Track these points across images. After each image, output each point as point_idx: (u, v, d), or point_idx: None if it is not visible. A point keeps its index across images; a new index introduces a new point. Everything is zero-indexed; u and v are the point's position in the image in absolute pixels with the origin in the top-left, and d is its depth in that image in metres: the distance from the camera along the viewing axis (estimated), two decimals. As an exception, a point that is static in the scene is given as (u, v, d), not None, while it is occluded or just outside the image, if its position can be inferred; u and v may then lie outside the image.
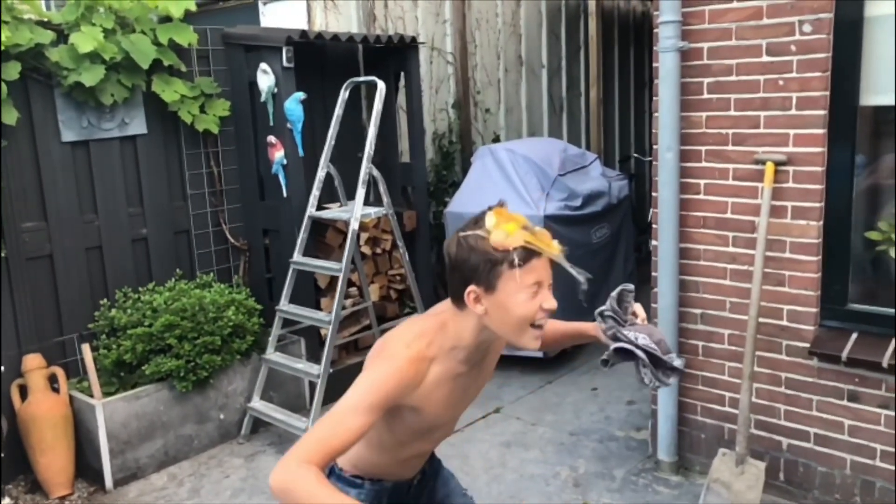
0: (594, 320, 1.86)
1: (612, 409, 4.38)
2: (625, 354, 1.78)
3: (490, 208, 1.63)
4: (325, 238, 4.71)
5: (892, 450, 3.03)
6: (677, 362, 1.76)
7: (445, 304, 1.73)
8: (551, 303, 1.60)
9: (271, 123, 4.35)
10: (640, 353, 1.75)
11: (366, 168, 4.08)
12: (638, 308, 1.81)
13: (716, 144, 3.31)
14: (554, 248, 1.61)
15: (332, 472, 1.87)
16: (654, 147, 3.44)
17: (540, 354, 4.79)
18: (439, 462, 2.08)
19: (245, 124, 4.50)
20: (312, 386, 4.26)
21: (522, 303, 1.57)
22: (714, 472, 3.24)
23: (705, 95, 3.30)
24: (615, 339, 1.78)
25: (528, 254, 1.56)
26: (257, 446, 4.13)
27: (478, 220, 1.62)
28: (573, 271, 1.62)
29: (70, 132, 3.87)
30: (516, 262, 1.55)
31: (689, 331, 3.52)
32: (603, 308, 1.82)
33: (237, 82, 4.46)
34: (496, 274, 1.56)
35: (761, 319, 3.22)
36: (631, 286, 1.81)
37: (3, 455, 3.57)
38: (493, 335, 1.66)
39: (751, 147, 3.21)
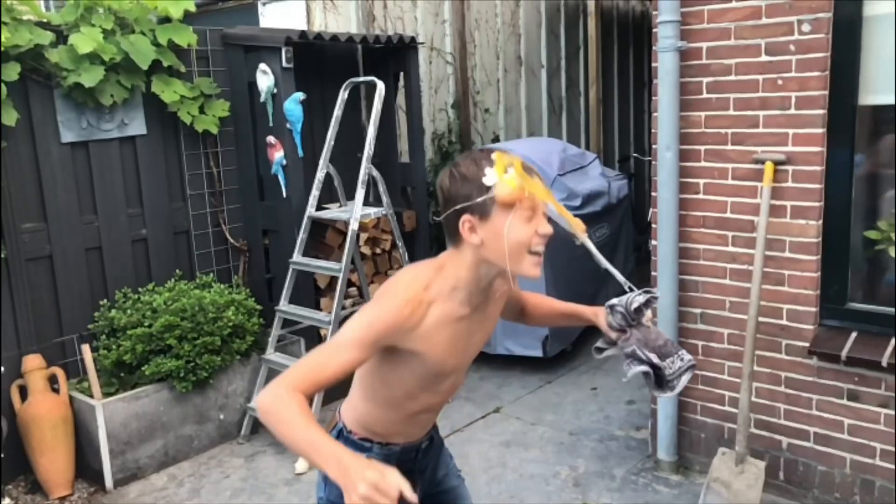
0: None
1: (611, 408, 4.38)
2: (633, 360, 1.77)
3: (482, 149, 1.66)
4: (324, 238, 4.71)
5: (892, 449, 3.03)
6: (686, 358, 1.76)
7: (442, 254, 1.74)
8: (546, 228, 1.61)
9: (271, 124, 4.36)
10: (645, 367, 1.76)
11: (365, 168, 4.08)
12: (647, 313, 1.83)
13: (715, 144, 3.31)
14: (547, 197, 1.63)
15: (340, 434, 1.85)
16: (654, 147, 3.44)
17: (540, 354, 4.79)
18: (441, 439, 2.08)
19: (244, 125, 4.50)
20: (312, 386, 4.26)
21: (518, 228, 1.58)
22: (714, 472, 3.24)
23: (704, 95, 3.31)
24: (626, 350, 1.79)
25: (520, 186, 1.58)
26: (257, 446, 4.13)
27: (469, 153, 1.66)
28: (562, 223, 1.65)
29: (70, 133, 3.87)
30: (509, 189, 1.57)
31: (688, 330, 3.52)
32: (615, 302, 1.81)
33: (236, 83, 4.46)
34: (490, 200, 1.58)
35: (761, 319, 3.22)
36: (658, 294, 1.79)
37: (3, 455, 3.57)
38: (492, 271, 1.66)
39: (750, 146, 3.22)
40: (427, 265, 1.70)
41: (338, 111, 4.30)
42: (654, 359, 1.75)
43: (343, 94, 4.32)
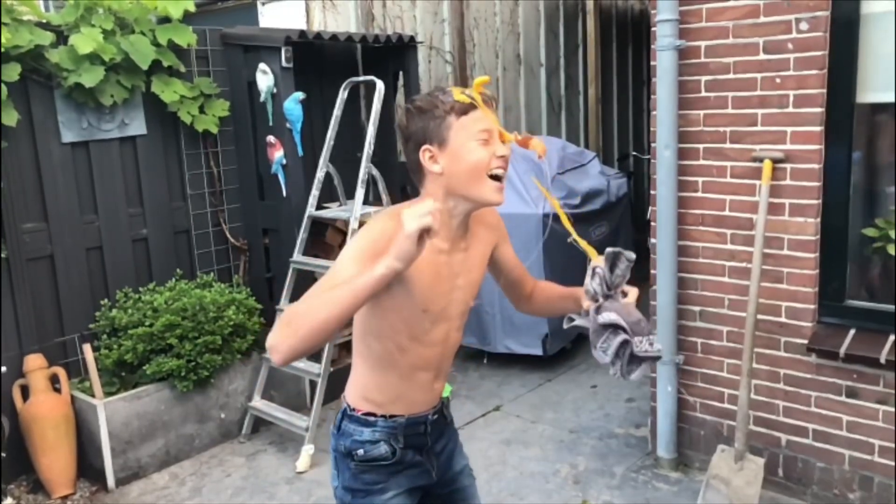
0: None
1: (611, 406, 4.39)
2: (608, 333, 1.69)
3: (437, 91, 1.71)
4: (324, 237, 4.72)
5: (891, 445, 3.05)
6: (656, 346, 1.68)
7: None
8: (503, 150, 1.67)
9: (270, 123, 4.36)
10: (624, 336, 1.65)
11: (365, 167, 4.09)
12: (631, 291, 1.76)
13: (714, 142, 3.32)
14: (492, 116, 1.68)
15: (344, 415, 1.85)
16: (653, 145, 3.45)
17: (540, 352, 4.81)
18: (456, 429, 2.04)
19: (244, 124, 4.51)
20: (313, 385, 4.27)
21: (475, 149, 1.64)
22: (713, 469, 3.25)
23: (703, 93, 3.31)
24: (596, 307, 1.71)
25: (471, 105, 1.65)
26: (258, 445, 4.15)
27: (427, 92, 1.74)
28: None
29: (70, 133, 3.88)
30: (464, 108, 1.63)
31: (688, 328, 3.53)
32: (597, 265, 1.77)
33: (236, 82, 4.47)
34: (446, 126, 1.64)
35: (760, 316, 3.23)
36: (631, 255, 1.76)
37: (4, 455, 3.58)
38: (461, 205, 1.70)
39: (748, 145, 3.22)
40: (398, 205, 1.75)
41: (337, 110, 4.31)
42: (628, 330, 1.66)
43: (342, 94, 4.33)
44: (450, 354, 1.88)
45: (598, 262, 1.72)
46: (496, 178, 1.68)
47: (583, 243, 1.75)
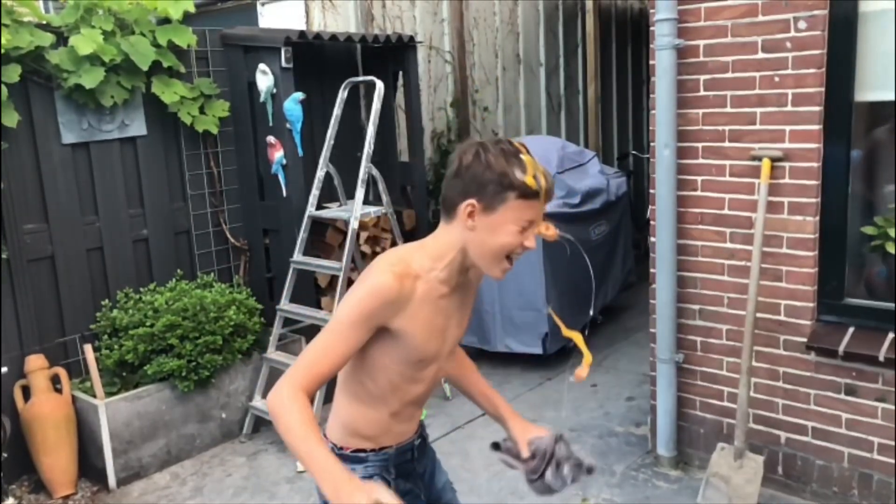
0: (587, 315, 1.92)
1: (611, 405, 4.40)
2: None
3: (511, 142, 1.67)
4: (324, 237, 4.73)
5: (890, 443, 3.05)
6: (587, 461, 1.85)
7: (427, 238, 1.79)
8: (532, 242, 1.67)
9: (270, 124, 4.37)
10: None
11: (365, 167, 4.10)
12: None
13: (712, 141, 3.33)
14: (543, 209, 1.69)
15: (333, 452, 1.82)
16: (652, 144, 3.45)
17: (540, 351, 4.81)
18: (433, 448, 2.07)
19: (244, 125, 4.52)
20: (313, 384, 4.28)
21: (511, 233, 1.63)
22: (713, 467, 3.26)
23: (702, 92, 3.32)
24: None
25: (535, 193, 1.62)
26: (259, 445, 4.15)
27: (500, 143, 1.66)
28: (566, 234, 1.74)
29: (70, 134, 3.89)
30: (526, 193, 1.60)
31: (687, 326, 3.54)
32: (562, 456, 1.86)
33: (236, 83, 4.48)
34: (502, 198, 1.60)
35: (759, 315, 3.24)
36: (592, 466, 1.88)
37: (6, 455, 3.59)
38: (468, 261, 1.70)
39: (747, 143, 3.23)
40: (408, 245, 1.75)
41: (337, 110, 4.31)
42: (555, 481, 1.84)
43: (342, 94, 4.33)
44: (437, 383, 1.91)
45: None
46: (510, 260, 1.69)
47: (578, 341, 1.82)
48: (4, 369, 3.64)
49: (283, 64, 4.24)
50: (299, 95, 4.25)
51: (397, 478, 1.83)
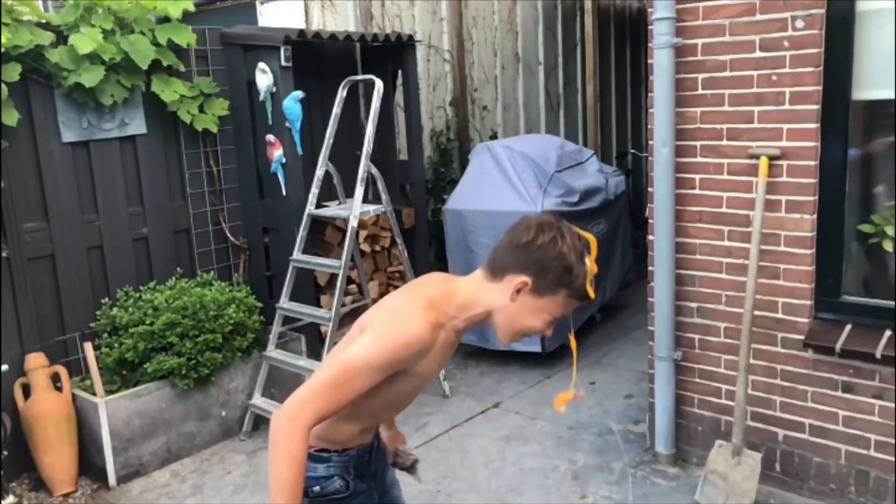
0: (592, 311, 1.97)
1: (610, 402, 4.41)
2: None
3: (581, 235, 1.68)
4: (324, 236, 4.74)
5: (887, 440, 3.07)
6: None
7: (439, 276, 1.80)
8: (550, 332, 1.73)
9: (270, 122, 4.38)
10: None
11: (364, 166, 4.11)
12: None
13: (710, 140, 3.34)
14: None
15: None
16: (650, 143, 3.47)
17: (539, 349, 4.83)
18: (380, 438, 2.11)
19: (244, 123, 4.53)
20: (313, 382, 4.29)
21: (543, 320, 1.68)
22: (711, 464, 3.27)
23: (700, 91, 3.33)
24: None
25: (583, 299, 1.69)
26: (259, 443, 4.16)
27: (576, 235, 1.67)
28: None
29: (70, 133, 3.90)
30: (579, 298, 1.67)
31: (685, 324, 3.55)
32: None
33: (236, 82, 4.49)
34: (553, 293, 1.65)
35: (757, 312, 3.25)
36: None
37: (6, 453, 3.60)
38: (489, 319, 1.72)
39: (745, 142, 3.24)
40: (436, 289, 1.73)
41: (336, 109, 4.32)
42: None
43: (341, 93, 4.34)
44: None
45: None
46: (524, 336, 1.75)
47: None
48: (5, 367, 3.64)
49: (283, 63, 4.25)
50: (298, 94, 4.26)
51: (355, 478, 1.86)
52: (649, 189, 3.51)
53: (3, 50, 3.47)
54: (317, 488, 1.81)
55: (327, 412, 1.59)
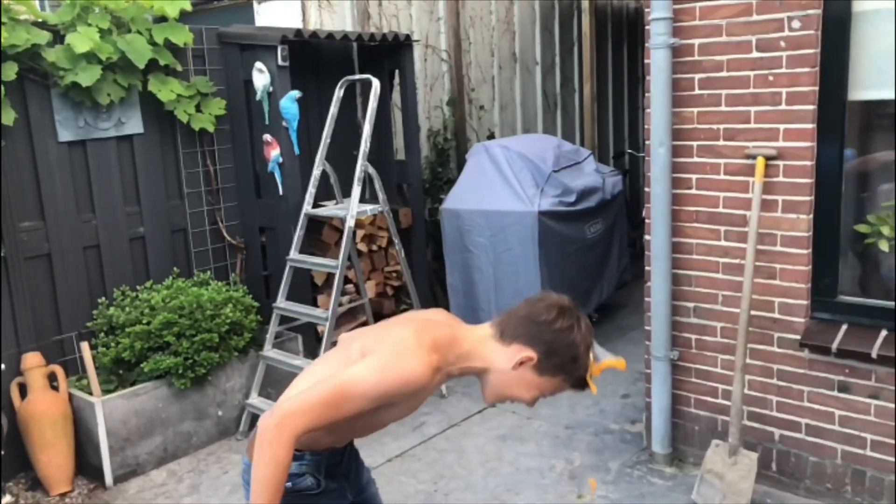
0: (589, 311, 1.96)
1: (606, 402, 4.42)
2: None
3: (593, 339, 1.76)
4: (321, 235, 4.74)
5: (882, 439, 3.07)
6: None
7: (445, 316, 1.85)
8: (534, 405, 1.82)
9: (267, 122, 4.38)
10: None
11: (361, 165, 4.11)
12: None
13: (707, 140, 3.35)
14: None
15: None
16: (647, 143, 3.47)
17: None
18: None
19: (241, 123, 4.53)
20: (310, 382, 4.29)
21: (533, 395, 1.76)
22: (707, 463, 3.28)
23: (696, 91, 3.34)
24: None
25: (581, 389, 1.78)
26: (256, 442, 4.16)
27: (589, 328, 1.75)
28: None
29: (67, 132, 3.89)
30: (574, 387, 1.77)
31: (682, 324, 3.56)
32: None
33: (233, 81, 4.49)
34: (555, 377, 1.73)
35: (753, 312, 3.26)
36: None
37: (3, 453, 3.60)
38: (480, 373, 1.78)
39: (741, 142, 3.25)
40: (443, 331, 1.76)
41: (333, 109, 4.32)
42: None
43: (339, 92, 4.34)
44: None
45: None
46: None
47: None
48: (2, 367, 3.64)
49: (280, 62, 4.24)
50: (296, 94, 4.26)
51: (326, 477, 1.88)
52: (646, 189, 3.52)
53: (-1, 49, 3.47)
54: (289, 484, 1.82)
55: (315, 426, 1.63)
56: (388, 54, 5.06)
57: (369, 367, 1.64)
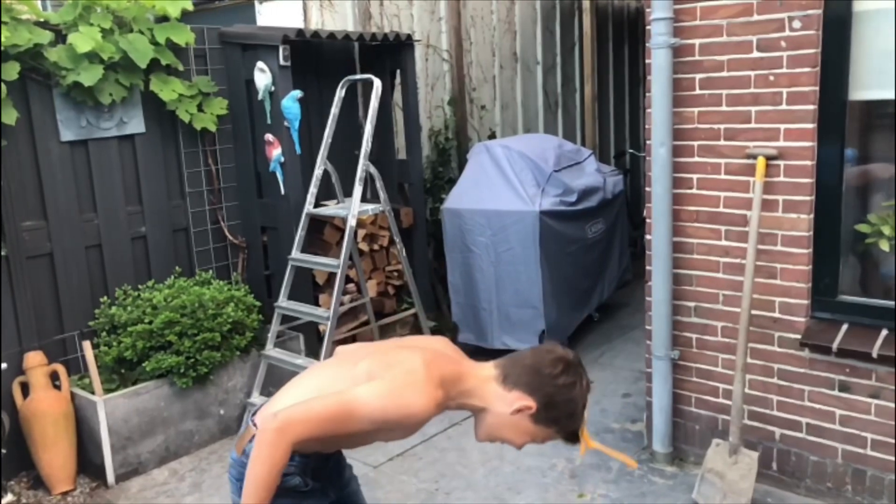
0: (590, 311, 1.98)
1: (607, 401, 4.42)
2: None
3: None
4: (322, 235, 4.74)
5: (883, 438, 3.08)
6: None
7: (454, 350, 1.90)
8: (521, 448, 1.88)
9: (268, 122, 4.39)
10: None
11: (363, 165, 4.12)
12: None
13: (708, 139, 3.36)
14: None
15: None
16: (648, 142, 3.48)
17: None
18: None
19: (242, 123, 4.53)
20: (311, 381, 4.29)
21: (524, 440, 1.83)
22: (708, 463, 3.29)
23: (697, 91, 3.34)
24: None
25: (570, 441, 1.84)
26: (257, 441, 4.17)
27: (589, 388, 1.83)
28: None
29: (69, 132, 3.90)
30: (566, 440, 1.83)
31: (682, 323, 3.56)
32: None
33: (234, 81, 4.50)
34: (550, 425, 1.79)
35: (754, 312, 3.27)
36: None
37: (5, 452, 3.61)
38: (477, 410, 1.84)
39: (742, 142, 3.25)
40: (451, 368, 1.81)
41: (335, 109, 4.33)
42: None
43: (340, 92, 4.35)
44: None
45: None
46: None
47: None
48: (4, 366, 3.65)
49: (281, 62, 4.25)
50: (297, 93, 4.27)
51: (312, 478, 1.90)
52: (647, 188, 3.53)
53: (2, 49, 3.47)
54: None
55: (314, 437, 1.68)
56: (389, 54, 5.07)
57: (377, 393, 1.68)
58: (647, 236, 3.55)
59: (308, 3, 5.07)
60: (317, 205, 4.34)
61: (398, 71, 5.16)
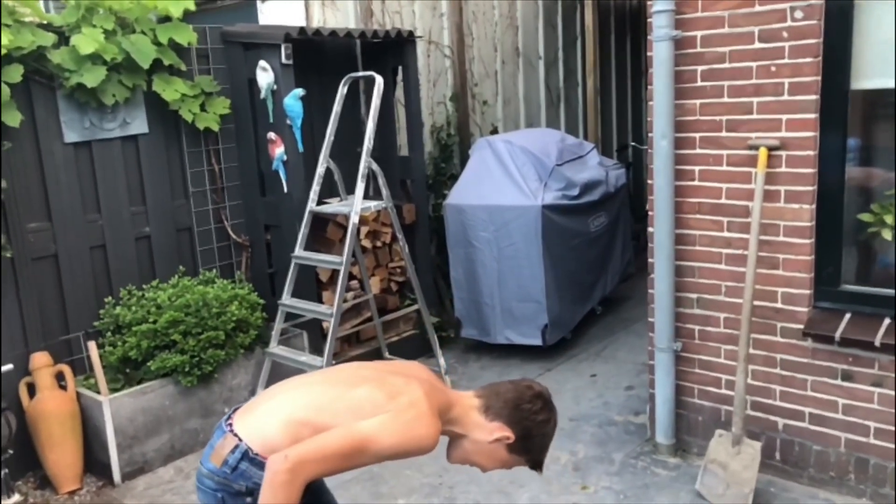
0: (592, 304, 2.05)
1: (610, 394, 4.43)
2: None
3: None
4: (325, 232, 4.76)
5: (886, 427, 3.08)
6: None
7: (436, 379, 1.99)
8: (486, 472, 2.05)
9: (271, 120, 4.40)
10: None
11: (365, 162, 4.13)
12: None
13: (710, 131, 3.35)
14: None
15: (245, 456, 1.86)
16: (650, 135, 3.48)
17: (539, 342, 4.84)
18: None
19: (245, 121, 4.55)
20: (316, 378, 4.31)
21: (495, 466, 1.99)
22: (711, 453, 3.29)
23: (699, 83, 3.34)
24: None
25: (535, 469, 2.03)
26: (263, 438, 4.18)
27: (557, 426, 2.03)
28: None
29: (72, 133, 3.92)
30: (532, 467, 2.01)
31: (685, 315, 3.57)
32: None
33: (237, 80, 4.51)
34: (522, 454, 1.96)
35: (756, 302, 3.27)
36: None
37: (12, 451, 3.63)
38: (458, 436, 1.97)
39: (744, 133, 3.25)
40: (445, 397, 1.94)
41: (337, 106, 4.34)
42: None
43: (342, 90, 4.36)
44: None
45: None
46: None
47: None
48: (10, 367, 3.67)
49: (283, 60, 4.26)
50: (299, 92, 4.28)
51: None
52: (649, 181, 3.53)
53: (5, 51, 3.48)
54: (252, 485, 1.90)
55: (326, 474, 1.77)
56: (391, 51, 5.07)
57: (390, 430, 1.75)
58: (650, 228, 3.55)
59: (310, 1, 5.08)
60: (319, 202, 4.35)
61: (400, 68, 5.16)
